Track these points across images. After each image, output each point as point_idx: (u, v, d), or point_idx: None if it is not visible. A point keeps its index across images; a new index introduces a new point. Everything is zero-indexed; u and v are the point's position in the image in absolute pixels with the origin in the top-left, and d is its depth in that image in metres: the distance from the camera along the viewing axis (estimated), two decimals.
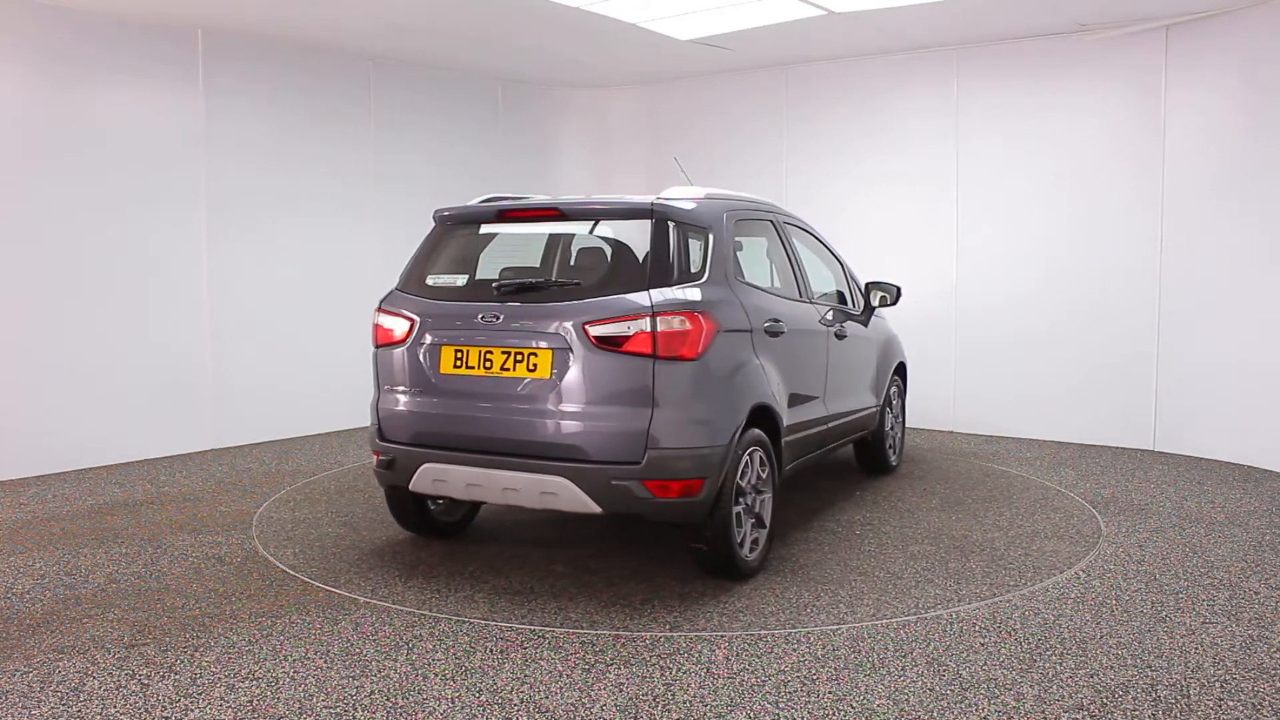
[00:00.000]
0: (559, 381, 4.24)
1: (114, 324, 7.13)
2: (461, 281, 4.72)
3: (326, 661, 3.63)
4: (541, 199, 4.92)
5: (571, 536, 5.28)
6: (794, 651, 3.71)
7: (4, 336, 6.60)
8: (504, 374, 4.37)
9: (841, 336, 5.86)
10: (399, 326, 4.65)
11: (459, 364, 4.47)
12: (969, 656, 3.66)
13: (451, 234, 4.89)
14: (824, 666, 3.57)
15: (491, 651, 3.73)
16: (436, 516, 5.20)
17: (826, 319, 5.69)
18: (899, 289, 6.52)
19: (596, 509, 4.18)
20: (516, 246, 5.37)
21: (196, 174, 7.56)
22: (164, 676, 3.50)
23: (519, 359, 4.34)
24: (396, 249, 6.87)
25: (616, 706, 3.26)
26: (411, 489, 4.60)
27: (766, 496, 4.69)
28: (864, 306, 6.44)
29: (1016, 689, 3.38)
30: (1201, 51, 7.23)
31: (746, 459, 4.48)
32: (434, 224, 4.95)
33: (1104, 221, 7.74)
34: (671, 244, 4.39)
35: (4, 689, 3.40)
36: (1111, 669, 3.55)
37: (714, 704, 3.28)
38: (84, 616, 4.10)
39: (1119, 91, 7.63)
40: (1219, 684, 3.42)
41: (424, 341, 4.57)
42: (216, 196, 7.67)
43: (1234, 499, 6.11)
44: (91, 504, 6.01)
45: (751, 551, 4.57)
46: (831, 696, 3.33)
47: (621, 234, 4.64)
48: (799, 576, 4.60)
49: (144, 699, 3.32)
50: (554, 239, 5.28)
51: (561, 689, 3.40)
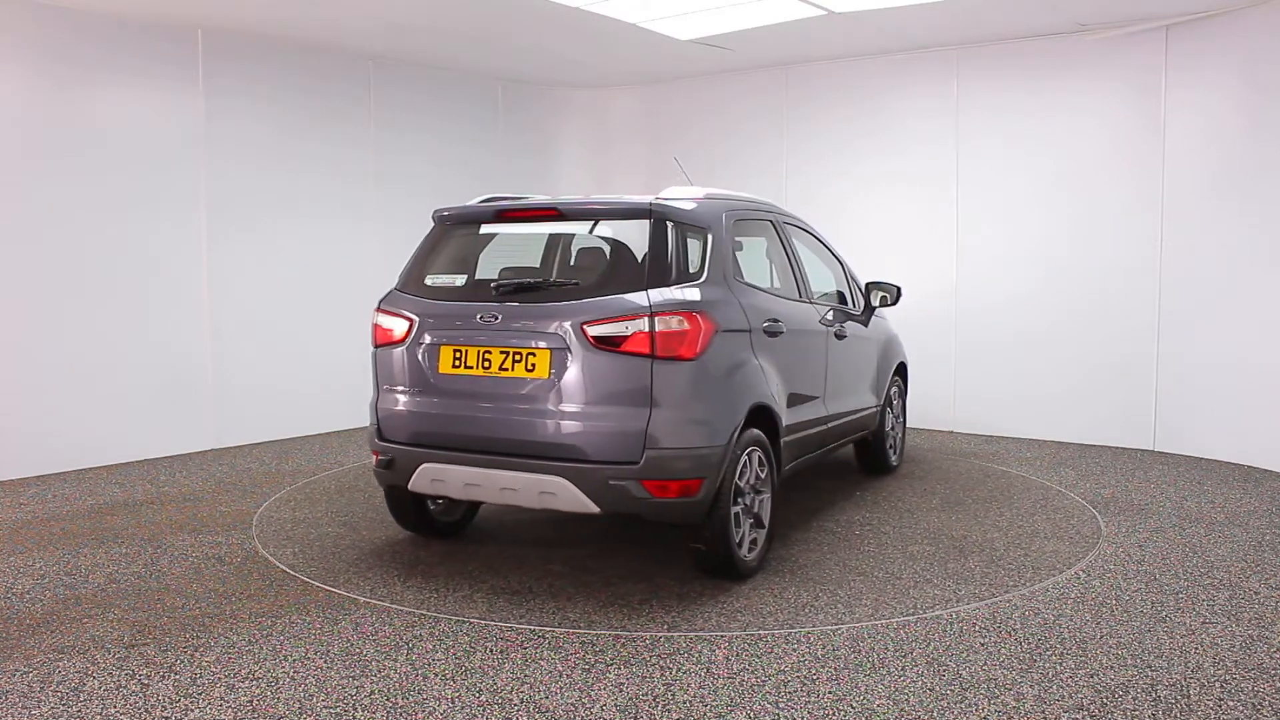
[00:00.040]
0: (557, 381, 4.24)
1: (114, 324, 7.13)
2: (460, 281, 4.72)
3: (326, 661, 3.63)
4: (540, 199, 4.92)
5: (570, 536, 5.28)
6: (794, 651, 3.71)
7: (4, 336, 6.60)
8: (503, 374, 4.37)
9: (841, 336, 5.85)
10: (398, 326, 4.65)
11: (458, 364, 4.47)
12: (969, 656, 3.66)
13: (451, 234, 4.89)
14: (824, 666, 3.57)
15: (491, 651, 3.73)
16: (436, 516, 5.20)
17: (826, 319, 5.69)
18: (899, 289, 6.52)
19: (595, 509, 4.18)
20: (517, 246, 5.37)
21: (196, 174, 7.56)
22: (164, 676, 3.50)
23: (517, 359, 4.34)
24: (396, 249, 6.87)
25: (616, 706, 3.26)
26: (410, 489, 4.60)
27: (765, 496, 4.69)
28: (864, 306, 6.43)
29: (1016, 689, 3.38)
30: (1201, 51, 7.23)
31: (745, 459, 4.47)
32: (433, 224, 4.95)
33: (1104, 221, 7.74)
34: (670, 244, 4.39)
35: (4, 689, 3.40)
36: (1111, 669, 3.55)
37: (714, 704, 3.28)
38: (84, 616, 4.10)
39: (1119, 91, 7.63)
40: (1219, 684, 3.42)
41: (423, 341, 4.57)
42: (216, 196, 7.67)
43: (1234, 499, 6.11)
44: (91, 504, 6.01)
45: (750, 551, 4.57)
46: (831, 696, 3.33)
47: (621, 234, 4.64)
48: (798, 577, 4.60)
49: (144, 699, 3.32)
50: (554, 239, 5.28)
51: (561, 689, 3.40)
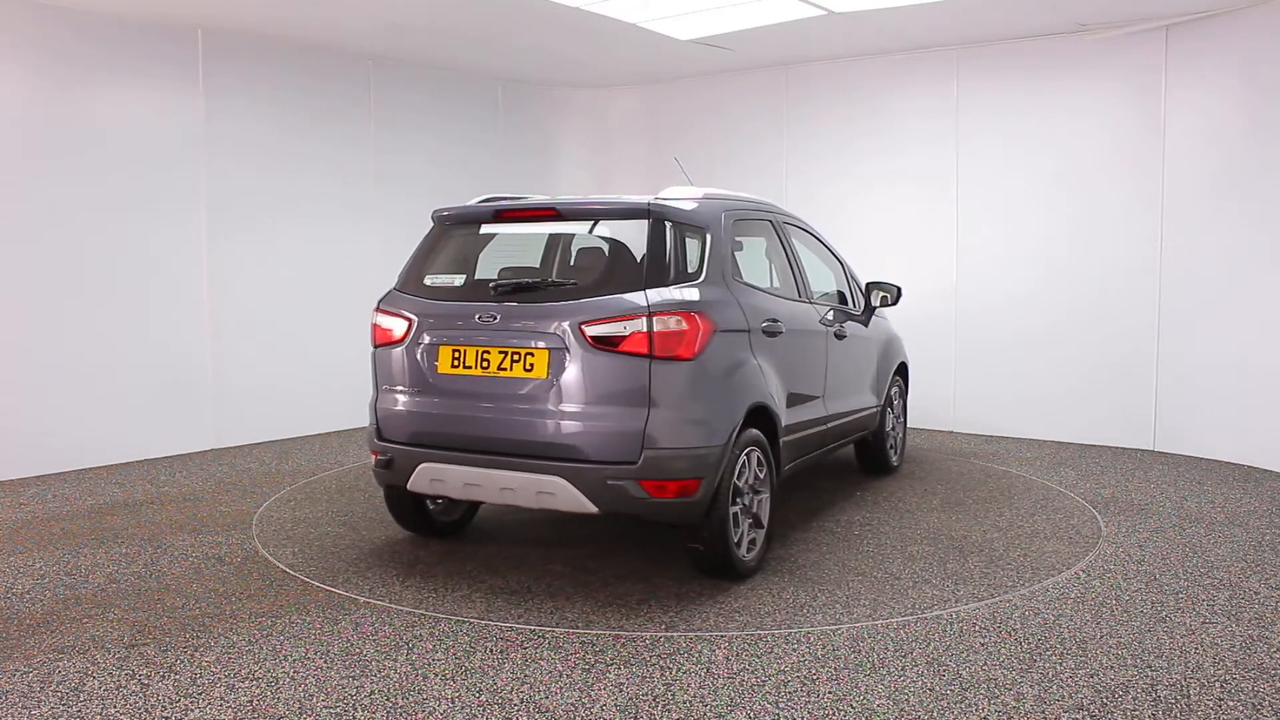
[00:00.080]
0: (556, 381, 4.24)
1: (114, 324, 7.13)
2: (459, 281, 4.72)
3: (326, 661, 3.63)
4: (539, 199, 4.92)
5: (570, 536, 5.28)
6: (794, 651, 3.71)
7: (4, 336, 6.60)
8: (501, 374, 4.36)
9: (841, 336, 5.85)
10: (397, 326, 4.65)
11: (456, 364, 4.47)
12: (969, 656, 3.66)
13: (450, 234, 4.89)
14: (824, 666, 3.57)
15: (491, 651, 3.73)
16: (435, 516, 5.20)
17: (826, 319, 5.69)
18: (899, 289, 6.51)
19: (593, 509, 4.18)
20: (517, 246, 5.37)
21: (196, 174, 7.56)
22: (164, 676, 3.50)
23: (516, 359, 4.33)
24: (396, 249, 6.87)
25: (616, 706, 3.26)
26: (409, 488, 4.60)
27: (764, 497, 4.68)
28: (864, 306, 6.43)
29: (1016, 689, 3.38)
30: (1201, 51, 7.23)
31: (744, 459, 4.47)
32: (432, 224, 4.95)
33: (1104, 221, 7.74)
34: (668, 244, 4.39)
35: (4, 689, 3.40)
36: (1111, 669, 3.55)
37: (714, 704, 3.28)
38: (84, 616, 4.10)
39: (1119, 91, 7.63)
40: (1219, 684, 3.42)
41: (422, 341, 4.57)
42: (216, 196, 7.67)
43: (1234, 499, 6.11)
44: (91, 504, 6.01)
45: (749, 552, 4.57)
46: (831, 696, 3.33)
47: (621, 234, 4.64)
48: (796, 577, 4.60)
49: (144, 699, 3.32)
50: (554, 239, 5.28)
51: (561, 689, 3.40)
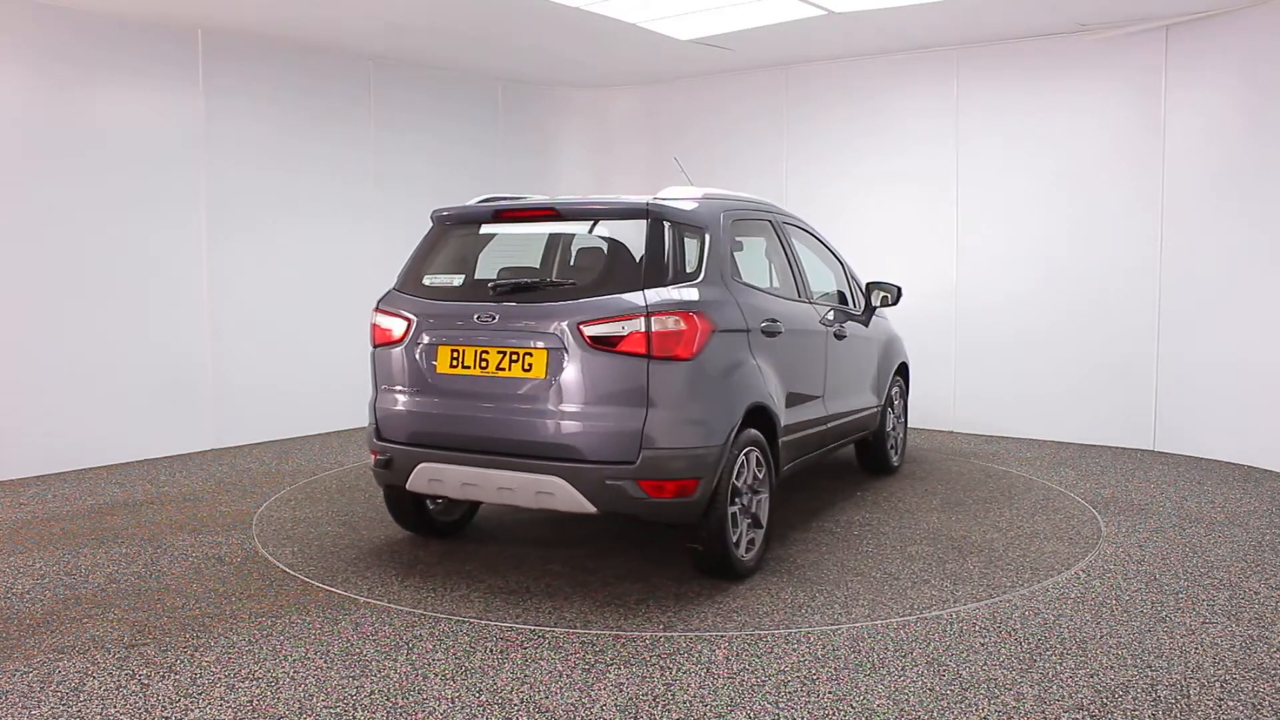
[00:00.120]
0: (554, 381, 4.24)
1: (114, 324, 7.13)
2: (458, 281, 4.72)
3: (326, 661, 3.63)
4: (538, 199, 4.92)
5: (569, 536, 5.28)
6: (794, 651, 3.71)
7: (4, 336, 6.60)
8: (500, 374, 4.36)
9: (841, 336, 5.85)
10: (396, 326, 4.65)
11: (455, 364, 4.47)
12: (969, 656, 3.66)
13: (449, 234, 4.90)
14: (824, 666, 3.57)
15: (491, 651, 3.73)
16: (435, 516, 5.20)
17: (826, 319, 5.68)
18: (900, 289, 6.51)
19: (591, 509, 4.18)
20: (517, 246, 5.37)
21: (196, 174, 7.56)
22: (164, 676, 3.50)
23: (514, 359, 4.33)
24: (396, 249, 6.87)
25: (616, 706, 3.26)
26: (408, 488, 4.60)
27: (763, 497, 4.68)
28: (865, 306, 6.43)
29: (1016, 689, 3.38)
30: (1201, 51, 7.23)
31: (742, 459, 4.47)
32: (432, 224, 4.95)
33: (1104, 221, 7.74)
34: (667, 244, 4.39)
35: (4, 689, 3.40)
36: (1111, 669, 3.55)
37: (714, 704, 3.28)
38: (84, 616, 4.10)
39: (1119, 91, 7.63)
40: (1219, 684, 3.42)
41: (421, 341, 4.57)
42: (216, 196, 7.67)
43: (1234, 499, 6.11)
44: (91, 504, 6.01)
45: (748, 552, 4.57)
46: (831, 696, 3.33)
47: (621, 234, 4.64)
48: (795, 577, 4.60)
49: (144, 699, 3.32)
50: (554, 239, 5.28)
51: (561, 689, 3.40)
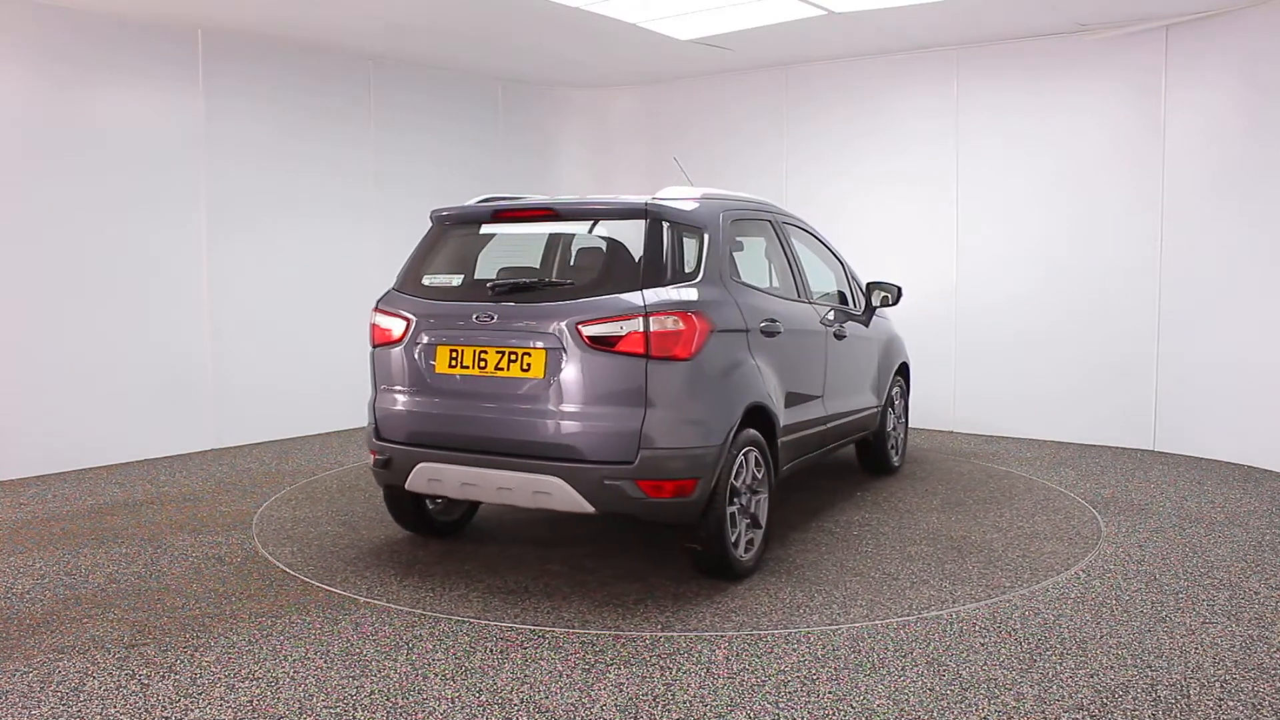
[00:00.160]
0: (553, 381, 4.24)
1: (114, 324, 7.13)
2: (457, 281, 4.72)
3: (326, 661, 3.63)
4: (537, 199, 4.92)
5: (568, 536, 5.28)
6: (794, 652, 3.71)
7: (4, 336, 6.60)
8: (498, 374, 4.36)
9: (841, 336, 5.85)
10: (395, 326, 4.65)
11: (454, 364, 4.47)
12: (969, 656, 3.66)
13: (448, 234, 4.90)
14: (824, 667, 3.57)
15: (491, 651, 3.73)
16: (435, 516, 5.20)
17: (826, 319, 5.68)
18: (900, 289, 6.50)
19: (590, 509, 4.18)
20: (517, 246, 5.37)
21: (196, 174, 7.56)
22: (164, 676, 3.50)
23: (513, 359, 4.34)
24: (396, 249, 6.86)
25: (616, 706, 3.26)
26: (407, 488, 4.60)
27: (762, 497, 4.68)
28: (865, 306, 6.42)
29: (1016, 689, 3.38)
30: (1201, 51, 7.23)
31: (741, 459, 4.47)
32: (431, 224, 4.95)
33: (1104, 221, 7.74)
34: (666, 244, 4.39)
35: (4, 689, 3.40)
36: (1111, 669, 3.55)
37: (714, 704, 3.28)
38: (84, 616, 4.10)
39: (1119, 91, 7.63)
40: (1219, 684, 3.42)
41: (420, 341, 4.57)
42: (216, 196, 7.67)
43: (1234, 499, 6.11)
44: (91, 504, 6.01)
45: (746, 552, 4.57)
46: (831, 696, 3.33)
47: (621, 235, 4.64)
48: (794, 577, 4.60)
49: (144, 699, 3.32)
50: (554, 239, 5.28)
51: (561, 689, 3.40)
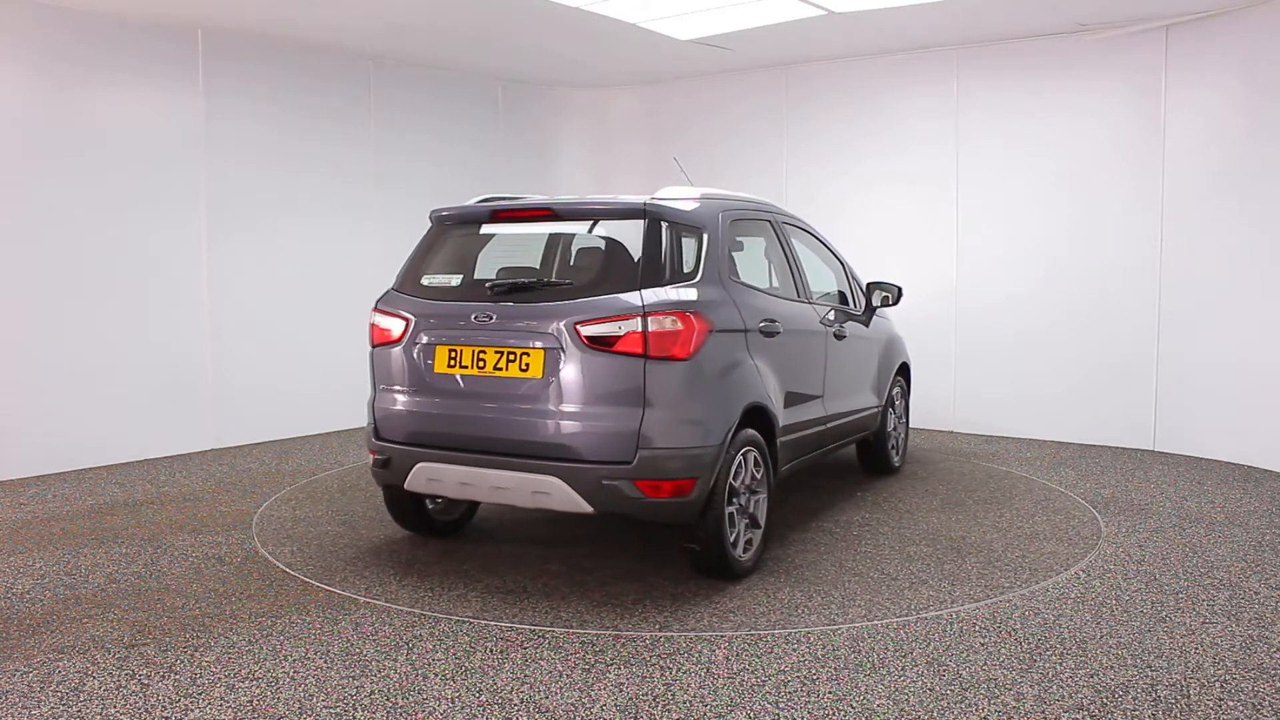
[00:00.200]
0: (551, 381, 4.24)
1: (114, 324, 7.13)
2: (456, 281, 4.73)
3: (326, 661, 3.63)
4: (536, 199, 4.92)
5: (568, 536, 5.28)
6: (794, 652, 3.71)
7: (4, 336, 6.60)
8: (497, 374, 4.37)
9: (841, 337, 5.84)
10: (395, 326, 4.65)
11: (453, 364, 4.48)
12: (969, 656, 3.66)
13: (448, 234, 4.90)
14: (824, 667, 3.57)
15: (491, 651, 3.73)
16: (434, 516, 5.21)
17: (826, 319, 5.68)
18: (900, 289, 6.50)
19: (588, 508, 4.18)
20: (517, 246, 5.37)
21: (196, 174, 7.56)
22: (164, 676, 3.50)
23: (512, 359, 4.34)
24: (396, 249, 6.85)
25: (616, 706, 3.26)
26: (407, 488, 4.60)
27: (761, 497, 4.68)
28: (865, 306, 6.42)
29: (1016, 689, 3.38)
30: (1201, 51, 7.22)
31: (740, 459, 4.47)
32: (430, 224, 4.95)
33: (1104, 221, 7.74)
34: (664, 244, 4.39)
35: (4, 689, 3.40)
36: (1111, 669, 3.55)
37: (714, 704, 3.28)
38: (84, 616, 4.10)
39: (1119, 91, 7.63)
40: (1219, 684, 3.42)
41: (419, 341, 4.57)
42: (216, 196, 7.67)
43: (1234, 499, 6.11)
44: (91, 504, 6.01)
45: (745, 552, 4.56)
46: (831, 696, 3.33)
47: (622, 235, 4.64)
48: (793, 577, 4.60)
49: (144, 699, 3.32)
50: (554, 239, 5.28)
51: (561, 689, 3.40)
